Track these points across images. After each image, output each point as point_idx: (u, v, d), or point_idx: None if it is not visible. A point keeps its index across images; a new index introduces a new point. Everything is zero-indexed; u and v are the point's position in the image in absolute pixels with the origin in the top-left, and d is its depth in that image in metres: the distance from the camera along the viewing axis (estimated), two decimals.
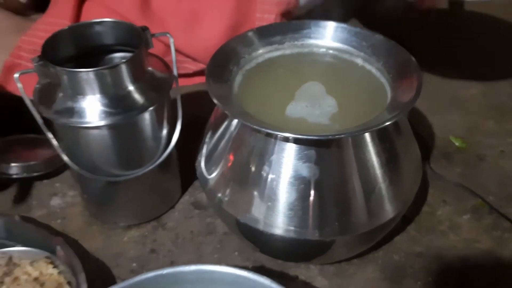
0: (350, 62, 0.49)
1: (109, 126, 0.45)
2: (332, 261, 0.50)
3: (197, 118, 0.53)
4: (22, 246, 0.48)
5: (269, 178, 0.42)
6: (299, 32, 0.51)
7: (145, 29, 0.47)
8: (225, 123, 0.45)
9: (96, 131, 0.45)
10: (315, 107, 0.45)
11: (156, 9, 0.68)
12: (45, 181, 0.60)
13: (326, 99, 0.45)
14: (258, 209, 0.43)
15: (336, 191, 0.42)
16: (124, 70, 0.44)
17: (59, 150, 0.47)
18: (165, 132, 0.50)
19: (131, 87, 0.45)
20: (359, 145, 0.41)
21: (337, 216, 0.42)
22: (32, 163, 0.58)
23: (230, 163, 0.44)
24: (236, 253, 0.52)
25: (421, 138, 0.62)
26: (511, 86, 0.75)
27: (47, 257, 0.46)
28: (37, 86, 0.47)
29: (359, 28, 0.50)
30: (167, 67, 0.50)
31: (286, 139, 0.41)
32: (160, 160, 0.50)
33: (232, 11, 0.67)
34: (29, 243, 0.48)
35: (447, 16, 0.90)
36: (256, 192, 0.43)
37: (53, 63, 0.43)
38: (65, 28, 0.47)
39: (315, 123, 0.43)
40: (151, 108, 0.46)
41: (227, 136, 0.45)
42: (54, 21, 0.63)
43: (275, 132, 0.39)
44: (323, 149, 0.40)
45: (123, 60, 0.43)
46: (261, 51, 0.50)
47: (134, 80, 0.45)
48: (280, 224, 0.42)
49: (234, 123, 0.44)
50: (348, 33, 0.50)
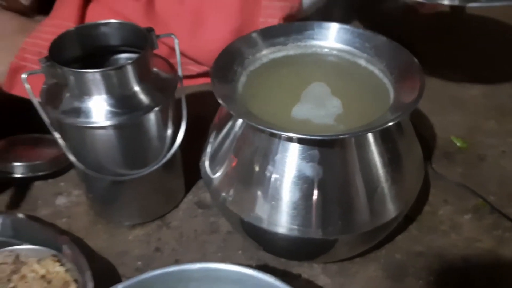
0: (353, 63, 0.50)
1: (115, 126, 0.45)
2: (335, 259, 0.50)
3: (202, 118, 0.54)
4: (28, 245, 0.48)
5: (273, 178, 0.42)
6: (302, 33, 0.52)
7: (150, 30, 0.47)
8: (229, 123, 0.46)
9: (102, 131, 0.46)
10: (320, 108, 0.45)
11: (160, 12, 0.68)
12: (50, 180, 0.60)
13: (331, 99, 0.46)
14: (262, 208, 0.43)
15: (339, 190, 0.42)
16: (130, 70, 0.44)
17: (66, 150, 0.47)
18: (169, 132, 0.50)
19: (136, 88, 0.46)
20: (362, 145, 0.42)
21: (340, 215, 0.42)
22: (37, 162, 0.58)
23: (234, 163, 0.45)
24: (240, 251, 0.52)
25: (423, 139, 0.62)
26: (511, 87, 0.75)
27: (54, 255, 0.47)
28: (44, 86, 0.47)
29: (361, 29, 0.50)
30: (172, 68, 0.50)
31: (290, 139, 0.41)
32: (164, 160, 0.50)
33: (236, 14, 0.67)
34: (36, 242, 0.48)
35: (448, 18, 0.90)
36: (260, 192, 0.43)
37: (59, 64, 0.43)
38: (72, 29, 0.48)
39: (321, 124, 0.43)
40: (156, 109, 0.46)
41: (231, 136, 0.45)
42: (59, 23, 0.63)
43: (279, 132, 0.39)
44: (327, 149, 0.41)
45: (129, 61, 0.44)
46: (265, 52, 0.51)
47: (140, 81, 0.46)
48: (284, 223, 0.43)
49: (238, 123, 0.45)
50: (351, 34, 0.50)
